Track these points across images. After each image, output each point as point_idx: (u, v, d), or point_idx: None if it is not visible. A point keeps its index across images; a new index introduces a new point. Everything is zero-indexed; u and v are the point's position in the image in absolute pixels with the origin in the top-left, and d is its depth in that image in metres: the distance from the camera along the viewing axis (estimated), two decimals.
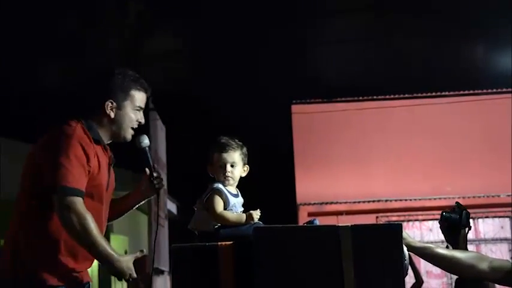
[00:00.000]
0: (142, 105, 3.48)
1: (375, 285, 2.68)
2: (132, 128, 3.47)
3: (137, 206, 3.68)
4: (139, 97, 3.45)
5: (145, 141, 3.52)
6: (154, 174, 3.55)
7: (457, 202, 3.39)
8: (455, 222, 3.43)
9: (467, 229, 3.54)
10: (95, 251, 3.15)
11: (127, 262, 3.19)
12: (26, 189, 3.29)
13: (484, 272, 3.13)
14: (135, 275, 3.21)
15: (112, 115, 3.38)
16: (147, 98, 3.52)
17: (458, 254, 3.20)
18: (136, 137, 3.50)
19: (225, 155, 3.27)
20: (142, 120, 3.48)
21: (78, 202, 3.13)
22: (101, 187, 3.36)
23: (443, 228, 3.56)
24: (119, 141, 3.49)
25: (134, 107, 3.44)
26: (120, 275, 3.17)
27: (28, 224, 3.24)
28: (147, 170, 3.55)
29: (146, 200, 3.66)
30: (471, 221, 12.28)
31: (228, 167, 3.26)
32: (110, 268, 3.18)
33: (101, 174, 3.35)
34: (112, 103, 3.38)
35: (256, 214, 3.16)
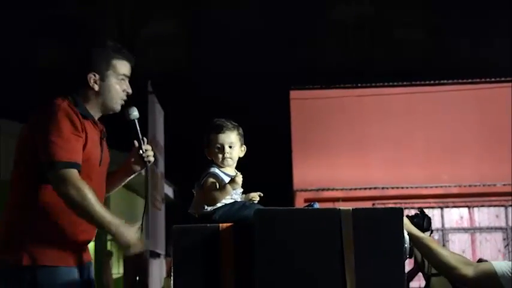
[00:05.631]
0: (128, 74, 3.41)
1: (376, 269, 2.70)
2: (123, 100, 3.41)
3: (128, 179, 3.62)
4: (122, 66, 3.37)
5: (135, 113, 3.45)
6: (143, 147, 3.48)
7: (420, 208, 3.50)
8: (418, 226, 3.58)
9: (429, 232, 3.71)
10: (98, 221, 3.12)
11: (131, 229, 3.17)
12: (21, 170, 3.26)
13: (466, 277, 3.18)
14: (136, 243, 3.18)
15: (96, 88, 3.32)
16: (132, 68, 3.43)
17: (447, 252, 3.27)
18: (126, 109, 3.44)
19: (222, 135, 3.24)
20: (129, 90, 3.40)
21: (74, 174, 3.11)
22: (91, 162, 3.31)
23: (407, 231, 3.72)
24: (109, 113, 3.43)
25: (118, 76, 3.36)
26: (122, 240, 3.13)
27: (25, 204, 3.21)
28: (135, 142, 3.49)
29: (136, 174, 3.59)
30: (466, 209, 12.31)
31: (227, 148, 3.24)
32: (113, 235, 3.13)
33: (91, 149, 3.30)
34: (95, 75, 3.31)
35: (238, 178, 3.14)
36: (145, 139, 3.50)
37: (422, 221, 3.37)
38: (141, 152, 3.48)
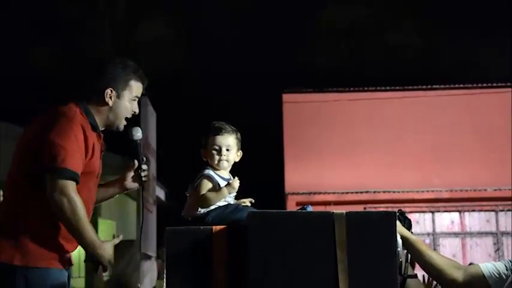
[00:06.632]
0: (139, 96, 3.50)
1: (368, 272, 2.71)
2: (126, 118, 3.48)
3: (118, 195, 3.68)
4: (137, 88, 3.47)
5: (138, 134, 3.53)
6: (143, 167, 3.55)
7: (400, 209, 3.49)
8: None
9: None
10: (81, 237, 3.17)
11: (108, 248, 3.23)
12: (25, 171, 3.26)
13: (456, 281, 3.20)
14: (112, 261, 3.25)
15: (110, 103, 3.38)
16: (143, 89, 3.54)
17: (437, 256, 3.29)
18: (129, 129, 3.51)
19: (220, 138, 3.27)
20: (137, 111, 3.49)
21: (72, 186, 3.13)
22: (93, 174, 3.35)
23: None
24: (112, 130, 3.48)
25: (132, 97, 3.44)
26: (101, 260, 3.19)
27: (28, 206, 3.22)
28: (136, 162, 3.55)
29: (128, 191, 3.64)
30: (457, 214, 12.28)
31: (224, 150, 3.26)
32: (92, 254, 3.19)
33: (95, 162, 3.34)
34: (112, 91, 3.37)
35: (235, 183, 3.17)
36: (144, 159, 3.58)
37: (403, 223, 3.38)
38: (139, 171, 3.55)
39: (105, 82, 3.38)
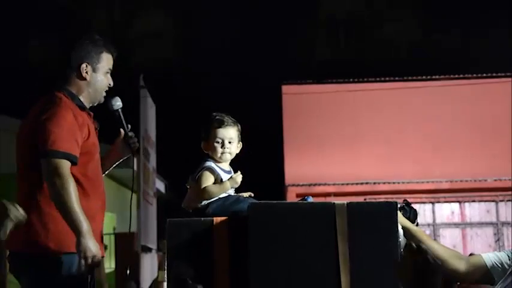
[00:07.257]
0: (111, 68, 3.58)
1: (369, 262, 2.71)
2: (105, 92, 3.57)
3: (113, 167, 3.73)
4: (108, 59, 3.55)
5: (118, 103, 3.60)
6: (129, 134, 3.61)
7: (405, 200, 3.48)
8: None
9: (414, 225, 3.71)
10: (69, 216, 3.16)
11: (94, 242, 3.20)
12: (28, 161, 3.32)
13: (458, 271, 3.19)
14: (99, 259, 3.23)
15: (88, 78, 3.46)
16: (114, 61, 3.61)
17: (439, 246, 3.28)
18: (109, 100, 3.58)
19: (223, 130, 3.26)
20: (112, 83, 3.57)
21: (65, 165, 3.20)
22: (95, 151, 3.43)
23: None
24: (94, 104, 3.56)
25: (105, 69, 3.53)
26: (85, 251, 3.16)
27: (37, 194, 3.27)
28: (121, 130, 3.61)
29: (122, 160, 3.72)
30: (457, 204, 12.21)
31: (226, 143, 3.25)
32: (81, 236, 3.16)
33: (93, 140, 3.41)
34: (87, 66, 3.46)
35: (238, 177, 3.18)
36: (129, 126, 3.63)
37: (408, 214, 3.37)
38: (127, 139, 3.62)
39: (79, 58, 3.46)
